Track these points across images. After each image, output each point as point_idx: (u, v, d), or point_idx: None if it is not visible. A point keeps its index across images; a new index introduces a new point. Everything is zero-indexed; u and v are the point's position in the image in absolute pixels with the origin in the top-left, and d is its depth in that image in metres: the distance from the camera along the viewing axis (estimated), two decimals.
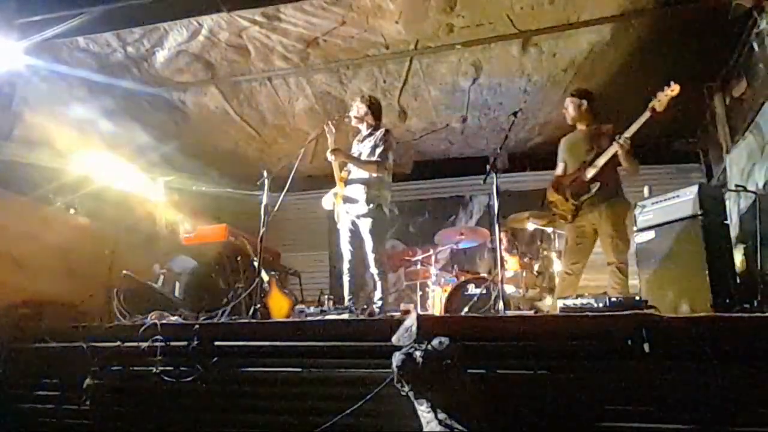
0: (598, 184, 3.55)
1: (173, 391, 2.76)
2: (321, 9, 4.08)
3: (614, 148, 3.43)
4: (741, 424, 2.05)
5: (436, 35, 4.43)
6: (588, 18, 4.20)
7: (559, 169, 3.91)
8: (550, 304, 4.49)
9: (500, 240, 4.93)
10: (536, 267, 4.82)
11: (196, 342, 2.79)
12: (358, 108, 3.97)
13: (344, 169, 3.95)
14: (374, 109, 4.01)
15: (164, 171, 5.92)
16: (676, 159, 6.07)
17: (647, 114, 3.30)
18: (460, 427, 2.07)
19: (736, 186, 4.17)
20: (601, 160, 3.52)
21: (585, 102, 3.76)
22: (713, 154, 5.49)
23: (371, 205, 3.77)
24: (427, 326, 2.33)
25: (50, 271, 4.07)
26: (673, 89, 3.23)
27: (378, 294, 3.74)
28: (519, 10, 4.11)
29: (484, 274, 4.91)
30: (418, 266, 5.40)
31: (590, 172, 3.58)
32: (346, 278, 3.91)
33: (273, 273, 4.43)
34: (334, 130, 3.90)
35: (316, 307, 4.07)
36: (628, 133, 3.37)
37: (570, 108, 3.80)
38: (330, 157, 3.84)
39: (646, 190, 4.14)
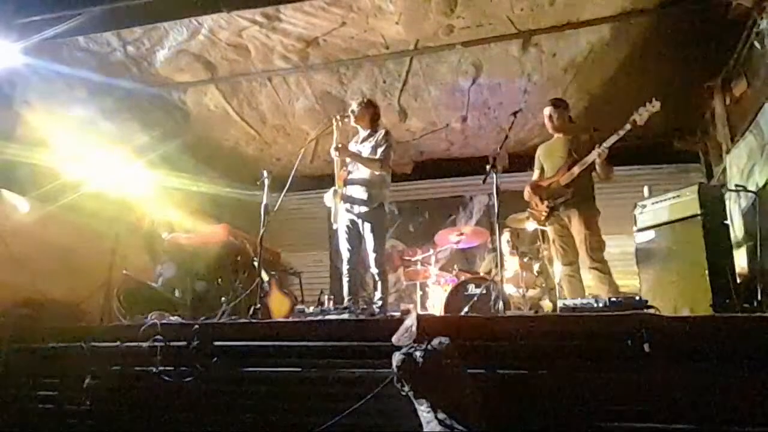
0: (572, 190, 3.70)
1: (173, 391, 2.76)
2: (321, 10, 4.08)
3: (593, 156, 3.58)
4: (741, 424, 2.05)
5: (436, 36, 4.43)
6: (588, 18, 4.20)
7: (535, 175, 4.08)
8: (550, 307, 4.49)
9: (506, 240, 4.97)
10: (536, 267, 4.81)
11: (196, 342, 2.79)
12: (356, 110, 3.97)
13: (344, 169, 3.95)
14: (373, 111, 4.02)
15: (164, 171, 5.92)
16: (676, 159, 6.06)
17: (627, 127, 3.44)
18: (460, 427, 2.07)
19: (736, 186, 4.17)
20: (579, 168, 3.66)
21: (566, 112, 3.94)
22: (713, 154, 5.48)
23: (374, 205, 3.78)
24: (427, 326, 2.33)
25: (50, 271, 4.07)
26: (654, 105, 3.37)
27: (378, 294, 3.74)
28: (519, 11, 4.11)
29: (484, 274, 4.91)
30: (418, 266, 5.39)
31: (567, 178, 3.72)
32: (345, 278, 3.90)
33: (273, 273, 4.43)
34: (341, 125, 3.91)
35: (316, 307, 4.08)
36: (608, 143, 3.52)
37: (554, 117, 3.92)
38: (334, 153, 3.84)
39: (646, 190, 4.15)
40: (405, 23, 4.23)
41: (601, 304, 2.71)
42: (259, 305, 3.46)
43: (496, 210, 3.41)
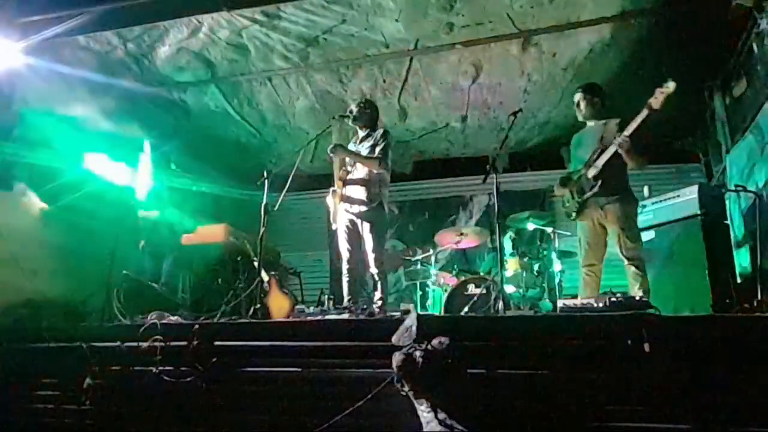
0: (600, 182, 3.50)
1: (173, 391, 2.76)
2: (321, 7, 4.08)
3: (614, 148, 3.40)
4: (741, 424, 2.05)
5: (436, 34, 4.43)
6: (588, 18, 4.19)
7: (572, 167, 3.86)
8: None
9: (510, 238, 4.92)
10: (536, 267, 4.81)
11: (196, 342, 2.79)
12: (355, 110, 3.98)
13: (343, 169, 3.95)
14: (371, 111, 4.02)
15: (164, 170, 5.92)
16: (676, 159, 6.05)
17: (645, 112, 3.27)
18: (460, 427, 2.07)
19: (736, 186, 4.16)
20: (602, 159, 3.49)
21: (598, 99, 3.70)
22: (713, 154, 5.48)
23: (373, 204, 3.78)
24: (427, 326, 2.33)
25: (50, 271, 4.07)
26: (669, 86, 3.19)
27: (378, 294, 3.74)
28: (518, 8, 4.11)
29: (484, 274, 4.91)
30: (418, 266, 5.40)
31: (593, 170, 3.54)
32: (345, 278, 3.91)
33: (273, 273, 4.42)
34: (339, 125, 3.92)
35: (316, 307, 4.07)
36: (627, 132, 3.33)
37: (582, 105, 3.73)
38: (330, 153, 3.84)
39: (646, 190, 4.15)
40: (405, 20, 4.23)
41: (601, 304, 2.71)
42: (259, 305, 3.46)
43: (496, 210, 3.41)
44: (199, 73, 4.95)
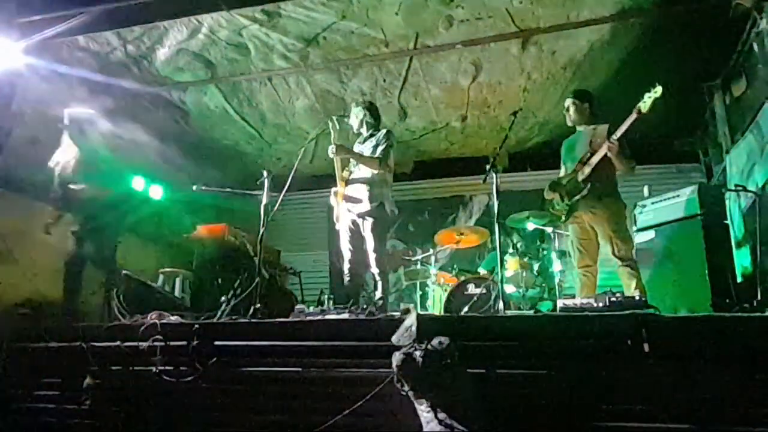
0: (589, 185, 3.54)
1: (173, 391, 2.76)
2: (321, 4, 4.08)
3: (603, 150, 3.44)
4: (740, 424, 2.05)
5: (435, 28, 4.40)
6: (588, 17, 4.19)
7: (562, 171, 3.91)
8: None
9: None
10: (536, 267, 4.81)
11: (196, 342, 2.79)
12: (356, 113, 3.98)
13: (346, 169, 3.95)
14: (372, 111, 4.02)
15: (164, 170, 5.93)
16: (676, 159, 6.06)
17: (633, 116, 3.30)
18: (460, 427, 2.07)
19: (736, 186, 4.16)
20: (593, 161, 3.52)
21: (587, 105, 3.75)
22: (713, 154, 5.49)
23: (374, 204, 3.77)
24: (427, 326, 2.33)
25: (50, 271, 4.07)
26: (656, 91, 3.22)
27: (378, 294, 3.74)
28: (518, 4, 4.10)
29: (485, 274, 4.91)
30: (418, 266, 5.40)
31: (583, 173, 3.58)
32: (345, 278, 3.90)
33: (273, 272, 4.42)
34: (338, 126, 3.91)
35: (316, 307, 4.07)
36: (616, 135, 3.37)
37: (571, 110, 3.79)
38: (331, 153, 3.84)
39: (646, 190, 4.15)
40: (405, 12, 4.20)
41: (601, 304, 2.71)
42: (259, 305, 3.46)
43: (496, 210, 3.41)
44: (199, 73, 4.95)
